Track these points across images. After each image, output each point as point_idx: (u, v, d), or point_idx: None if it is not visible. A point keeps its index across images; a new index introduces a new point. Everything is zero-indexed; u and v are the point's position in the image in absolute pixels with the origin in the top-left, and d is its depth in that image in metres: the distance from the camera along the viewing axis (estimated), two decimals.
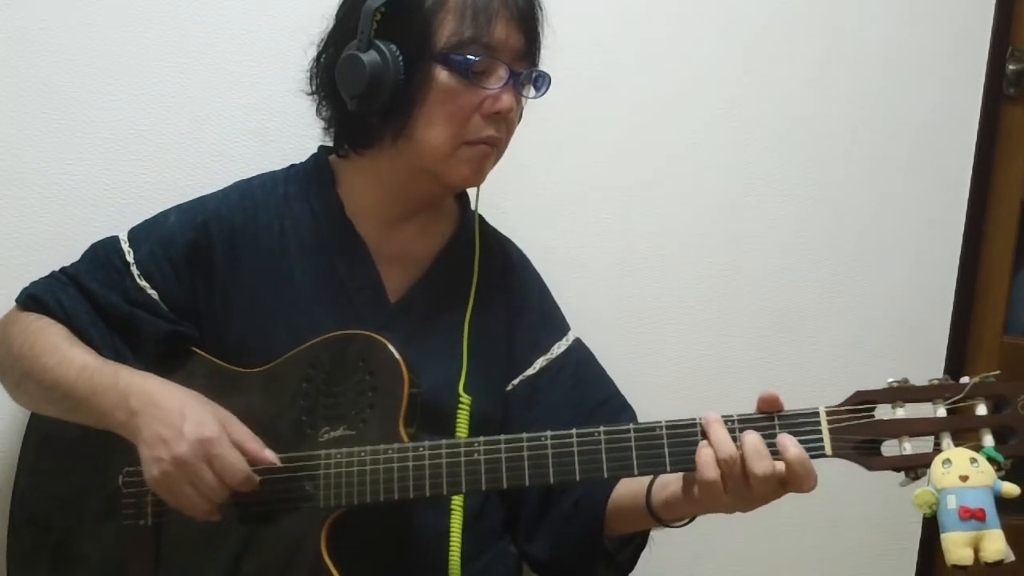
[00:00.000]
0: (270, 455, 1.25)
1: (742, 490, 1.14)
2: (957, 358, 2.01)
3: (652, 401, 1.49)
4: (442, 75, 1.28)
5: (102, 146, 1.56)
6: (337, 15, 1.36)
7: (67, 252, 1.42)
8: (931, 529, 1.11)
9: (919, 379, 2.04)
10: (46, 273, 1.41)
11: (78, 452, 1.35)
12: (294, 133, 1.64)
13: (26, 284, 1.40)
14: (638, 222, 1.83)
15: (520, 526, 1.43)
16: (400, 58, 1.27)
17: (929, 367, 1.98)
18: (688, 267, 1.86)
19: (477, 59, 1.28)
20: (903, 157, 1.94)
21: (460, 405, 1.35)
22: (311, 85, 1.39)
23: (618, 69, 1.79)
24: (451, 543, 1.32)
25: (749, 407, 1.20)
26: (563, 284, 1.53)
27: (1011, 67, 1.96)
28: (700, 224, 1.86)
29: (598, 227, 1.81)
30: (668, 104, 1.83)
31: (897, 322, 1.96)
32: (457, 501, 1.33)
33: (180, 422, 1.21)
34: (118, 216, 1.48)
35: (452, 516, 1.32)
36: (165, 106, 1.58)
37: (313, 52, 1.38)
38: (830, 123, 1.90)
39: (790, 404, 1.19)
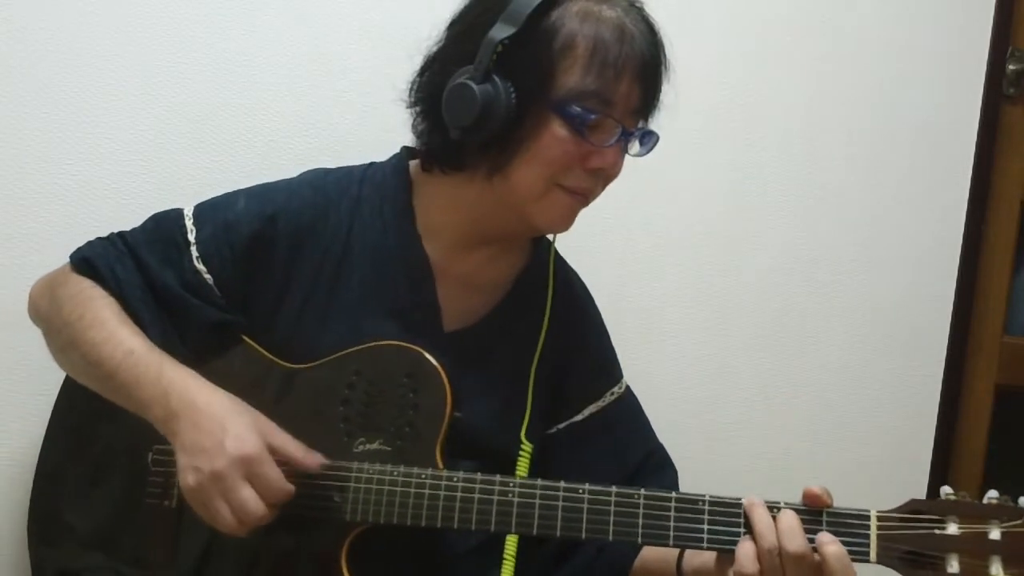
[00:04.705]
0: (314, 460, 1.22)
1: None
2: (957, 358, 2.01)
3: (652, 401, 1.49)
4: (555, 124, 1.22)
5: (102, 146, 1.56)
6: (450, 33, 1.28)
7: (67, 252, 1.41)
8: None
9: (920, 379, 2.03)
10: (45, 273, 1.38)
11: (111, 414, 1.30)
12: (295, 134, 1.64)
13: (25, 283, 1.38)
14: (638, 222, 1.83)
15: (540, 561, 1.38)
16: (514, 96, 1.20)
17: (929, 367, 1.99)
18: (688, 267, 1.86)
19: (594, 116, 1.22)
20: (903, 157, 1.94)
21: (522, 453, 1.31)
22: (410, 97, 1.31)
23: None
24: (503, 572, 1.28)
25: (750, 407, 1.19)
26: None
27: (1011, 67, 1.96)
28: (700, 224, 1.86)
29: (598, 227, 1.81)
30: (668, 104, 1.82)
31: (897, 322, 1.96)
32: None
33: (221, 434, 1.16)
34: (118, 216, 1.47)
35: (507, 542, 1.28)
36: (166, 106, 1.58)
37: (417, 64, 1.30)
38: (830, 123, 1.90)
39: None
